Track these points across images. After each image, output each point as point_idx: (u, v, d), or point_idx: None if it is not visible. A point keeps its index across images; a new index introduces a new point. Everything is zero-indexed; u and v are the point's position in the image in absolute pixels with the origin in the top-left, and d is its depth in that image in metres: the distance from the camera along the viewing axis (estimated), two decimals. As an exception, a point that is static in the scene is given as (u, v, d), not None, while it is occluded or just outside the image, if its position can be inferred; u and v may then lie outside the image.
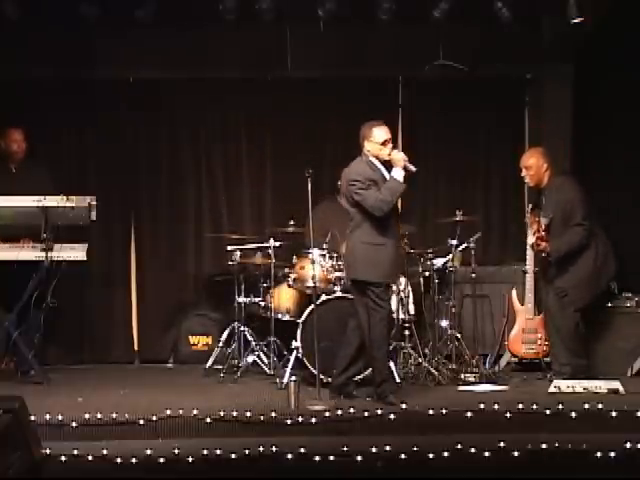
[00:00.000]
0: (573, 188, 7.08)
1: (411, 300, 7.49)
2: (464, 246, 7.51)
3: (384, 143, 6.40)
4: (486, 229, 8.24)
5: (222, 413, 5.92)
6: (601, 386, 6.58)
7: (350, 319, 6.58)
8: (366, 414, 5.96)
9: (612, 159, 8.07)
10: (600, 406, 5.99)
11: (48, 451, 5.34)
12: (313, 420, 5.87)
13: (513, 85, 8.59)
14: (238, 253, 7.66)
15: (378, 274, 6.35)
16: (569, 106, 8.18)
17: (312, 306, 6.89)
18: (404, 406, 6.14)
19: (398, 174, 6.33)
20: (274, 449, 5.44)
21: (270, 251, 7.54)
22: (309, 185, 6.65)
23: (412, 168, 6.36)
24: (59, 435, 5.74)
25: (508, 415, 5.95)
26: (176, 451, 5.42)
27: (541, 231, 6.96)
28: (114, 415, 5.86)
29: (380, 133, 6.42)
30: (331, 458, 5.38)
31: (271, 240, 7.56)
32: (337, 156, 8.50)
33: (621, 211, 7.88)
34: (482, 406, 6.04)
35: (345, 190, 6.50)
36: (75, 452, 5.39)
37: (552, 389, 6.61)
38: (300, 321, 7.13)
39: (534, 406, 6.02)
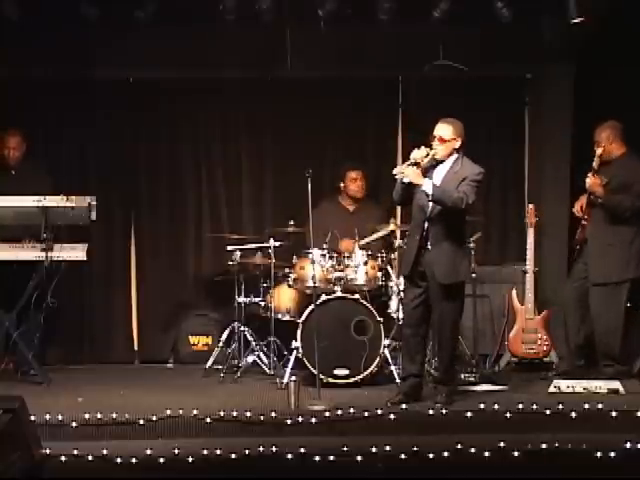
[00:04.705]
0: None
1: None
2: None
3: (431, 139, 6.40)
4: (486, 229, 8.23)
5: (222, 413, 5.93)
6: (601, 386, 6.58)
7: None
8: (366, 414, 5.96)
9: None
10: (600, 406, 6.00)
11: (48, 451, 5.34)
12: (313, 420, 5.88)
13: (513, 85, 8.57)
14: (238, 253, 7.66)
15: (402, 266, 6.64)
16: (569, 106, 8.18)
17: (312, 306, 6.90)
18: (404, 406, 6.15)
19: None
20: (274, 449, 5.45)
21: (270, 251, 7.54)
22: (309, 185, 6.66)
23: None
24: (59, 435, 5.75)
25: (508, 415, 5.95)
26: (176, 451, 5.43)
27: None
28: (114, 415, 5.87)
29: (435, 128, 6.43)
30: (331, 458, 5.39)
31: (271, 240, 7.55)
32: (337, 156, 8.52)
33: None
34: (482, 406, 6.04)
35: None
36: (75, 452, 5.39)
37: (552, 389, 6.61)
38: (300, 321, 7.13)
39: (534, 406, 6.03)
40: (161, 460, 5.36)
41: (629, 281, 7.06)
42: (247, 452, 5.43)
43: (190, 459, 5.38)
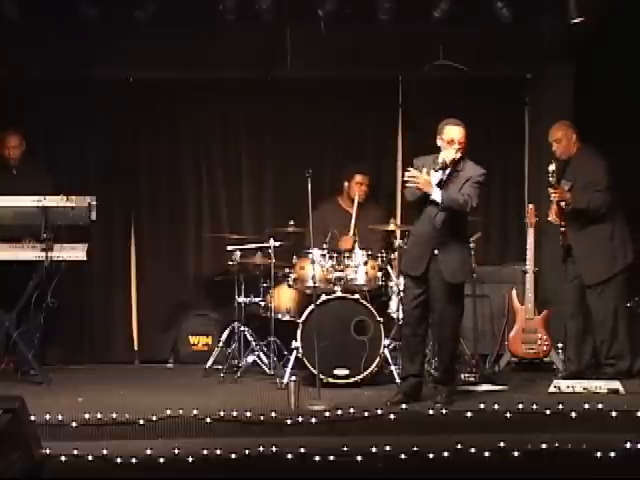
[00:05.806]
0: (600, 158, 7.10)
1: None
2: (464, 246, 7.51)
3: (449, 142, 6.35)
4: (486, 229, 8.23)
5: (222, 413, 5.93)
6: (601, 386, 6.57)
7: None
8: (366, 414, 5.96)
9: (612, 159, 8.06)
10: (600, 406, 5.99)
11: (48, 451, 5.34)
12: (313, 420, 5.87)
13: (513, 85, 8.57)
14: (238, 253, 7.66)
15: (403, 263, 6.59)
16: (569, 106, 8.17)
17: (312, 306, 6.90)
18: (404, 406, 6.15)
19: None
20: (274, 449, 5.44)
21: (270, 251, 7.54)
22: (309, 185, 6.66)
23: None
24: (59, 435, 5.74)
25: (508, 415, 5.95)
26: (176, 451, 5.42)
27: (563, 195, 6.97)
28: (114, 415, 5.86)
29: (448, 131, 6.38)
30: (331, 458, 5.39)
31: (271, 240, 7.55)
32: (337, 156, 8.53)
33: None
34: (482, 406, 6.04)
35: None
36: (75, 452, 5.39)
37: (552, 389, 6.61)
38: (300, 321, 7.13)
39: (534, 406, 6.02)
40: (161, 460, 5.35)
41: (621, 273, 7.08)
42: (247, 452, 5.43)
43: (190, 459, 5.38)
